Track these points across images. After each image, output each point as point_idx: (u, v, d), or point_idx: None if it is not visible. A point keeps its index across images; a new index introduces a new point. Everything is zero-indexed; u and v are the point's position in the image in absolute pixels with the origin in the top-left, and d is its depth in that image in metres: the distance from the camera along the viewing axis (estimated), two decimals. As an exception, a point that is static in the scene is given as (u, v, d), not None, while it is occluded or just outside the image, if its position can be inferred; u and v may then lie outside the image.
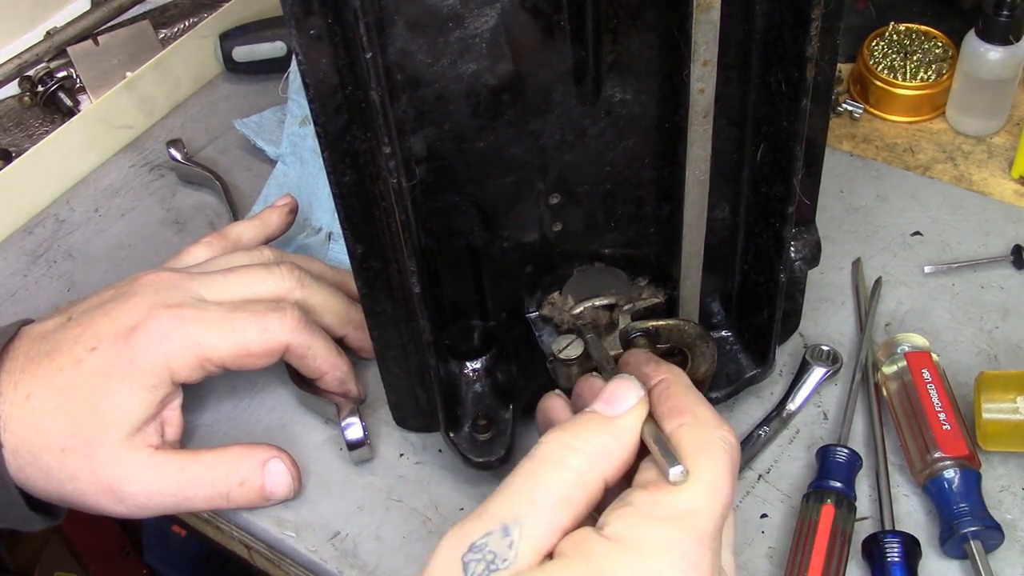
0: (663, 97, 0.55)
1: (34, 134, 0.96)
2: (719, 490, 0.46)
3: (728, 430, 0.48)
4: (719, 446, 0.47)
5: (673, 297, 0.63)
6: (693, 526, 0.44)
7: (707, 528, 0.45)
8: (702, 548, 0.44)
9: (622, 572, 0.43)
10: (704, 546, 0.44)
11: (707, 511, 0.45)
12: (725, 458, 0.47)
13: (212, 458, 0.65)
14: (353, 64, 0.49)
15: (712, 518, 0.45)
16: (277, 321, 0.65)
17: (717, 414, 0.49)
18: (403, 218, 0.54)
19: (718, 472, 0.46)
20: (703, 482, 0.45)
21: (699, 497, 0.45)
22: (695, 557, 0.44)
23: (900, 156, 0.86)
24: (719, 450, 0.47)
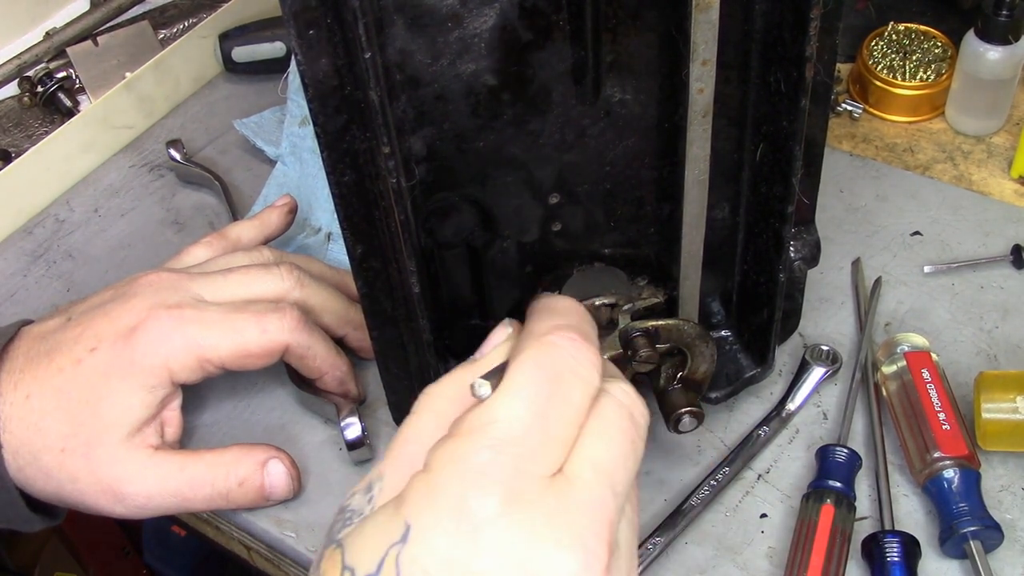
0: (662, 97, 0.55)
1: (34, 134, 0.96)
2: (526, 393, 0.43)
3: (561, 333, 0.45)
4: (534, 350, 0.44)
5: (673, 297, 0.63)
6: (489, 434, 0.42)
7: (508, 434, 0.42)
8: (498, 455, 0.41)
9: (414, 491, 0.41)
10: (501, 453, 0.41)
11: (510, 417, 0.42)
12: (538, 360, 0.44)
13: (211, 458, 0.65)
14: (352, 64, 0.49)
15: (518, 422, 0.42)
16: (276, 321, 0.65)
17: (557, 324, 0.46)
18: (403, 218, 0.54)
19: (525, 376, 0.43)
20: (504, 389, 0.43)
21: (500, 405, 0.43)
22: (487, 465, 0.41)
23: (900, 156, 0.86)
24: (532, 353, 0.44)
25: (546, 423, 0.43)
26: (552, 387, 0.44)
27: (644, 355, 0.57)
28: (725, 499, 0.66)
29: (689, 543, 0.64)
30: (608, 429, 0.44)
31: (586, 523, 0.41)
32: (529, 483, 0.41)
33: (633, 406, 0.46)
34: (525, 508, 0.41)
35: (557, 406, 0.43)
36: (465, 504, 0.40)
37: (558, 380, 0.44)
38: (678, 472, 0.67)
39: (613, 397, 0.45)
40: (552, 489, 0.41)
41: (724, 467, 0.66)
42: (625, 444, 0.44)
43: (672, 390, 0.61)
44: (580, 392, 0.44)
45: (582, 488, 0.42)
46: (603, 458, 0.43)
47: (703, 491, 0.65)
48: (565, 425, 0.43)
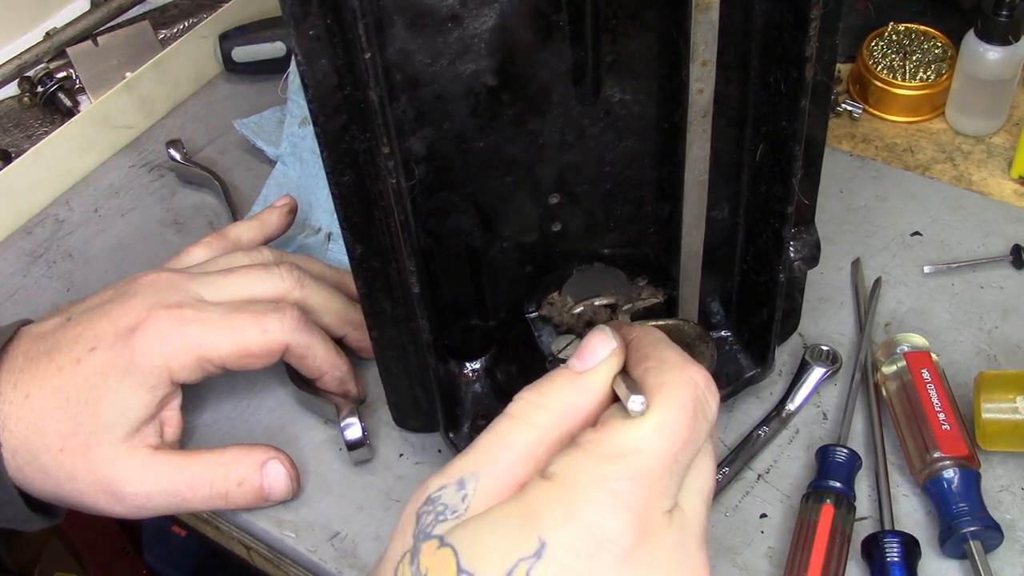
0: (662, 97, 0.55)
1: (34, 134, 0.96)
2: (669, 429, 0.44)
3: (697, 369, 0.46)
4: (679, 386, 0.45)
5: (673, 297, 0.63)
6: (632, 464, 0.43)
7: (648, 467, 0.43)
8: (638, 486, 0.42)
9: (548, 507, 0.42)
10: (641, 484, 0.42)
11: (652, 450, 0.43)
12: (683, 397, 0.45)
13: (211, 459, 0.65)
14: (352, 64, 0.49)
15: (657, 457, 0.43)
16: (276, 321, 0.65)
17: (686, 356, 0.48)
18: (402, 218, 0.54)
19: (671, 412, 0.44)
20: (651, 421, 0.44)
21: (645, 436, 0.44)
22: (627, 495, 0.42)
23: (900, 156, 0.86)
24: (677, 389, 0.45)
25: (678, 462, 0.44)
26: (691, 427, 0.45)
27: (644, 355, 0.57)
28: (725, 499, 0.66)
29: (689, 543, 0.64)
30: (708, 462, 0.47)
31: (699, 553, 0.44)
32: (657, 517, 0.43)
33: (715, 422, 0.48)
34: (654, 542, 0.42)
35: (689, 445, 0.45)
36: (604, 532, 0.42)
37: (695, 420, 0.45)
38: (678, 472, 0.67)
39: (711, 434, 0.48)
40: (673, 524, 0.44)
41: (724, 467, 0.66)
42: (712, 465, 0.47)
43: (672, 390, 0.61)
44: (705, 431, 0.46)
45: (693, 519, 0.45)
46: (706, 488, 0.46)
47: (703, 491, 0.65)
48: (689, 462, 0.45)
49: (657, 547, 0.43)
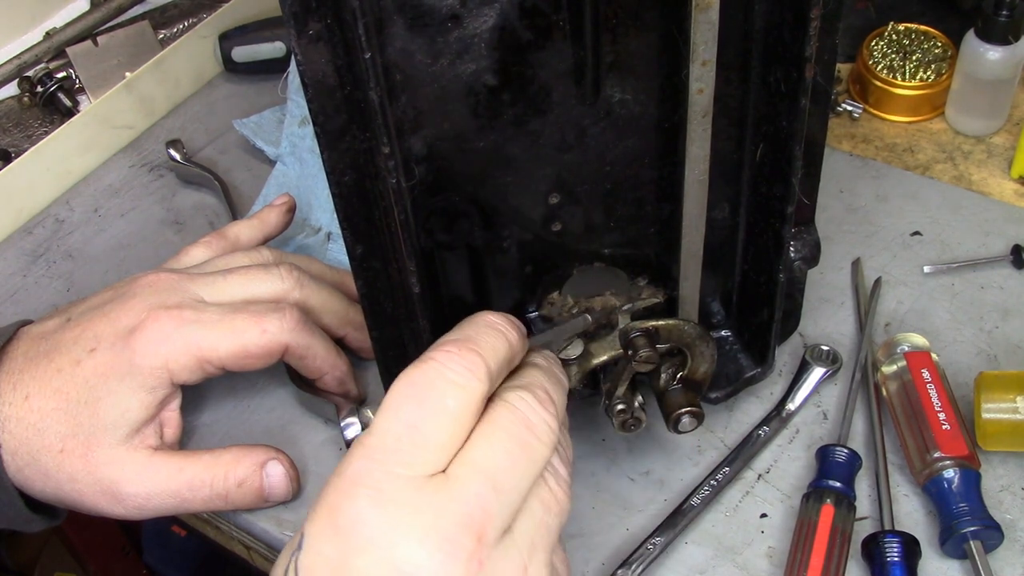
0: (662, 97, 0.55)
1: (33, 134, 0.96)
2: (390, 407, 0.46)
3: (441, 348, 0.47)
4: (408, 369, 0.47)
5: (673, 297, 0.63)
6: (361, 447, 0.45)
7: (376, 444, 0.45)
8: (368, 463, 0.45)
9: (313, 509, 0.45)
10: (371, 460, 0.44)
11: (379, 430, 0.45)
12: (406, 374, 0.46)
13: (210, 459, 0.64)
14: (352, 64, 0.49)
15: (383, 433, 0.45)
16: (276, 322, 0.65)
17: (446, 340, 0.48)
18: (403, 218, 0.54)
19: (392, 391, 0.46)
20: (379, 410, 0.46)
21: (374, 424, 0.46)
22: (358, 474, 0.44)
23: (900, 156, 0.86)
24: (404, 373, 0.47)
25: (418, 429, 0.45)
26: (422, 396, 0.46)
27: (644, 355, 0.57)
28: (725, 499, 0.66)
29: (689, 543, 0.64)
30: (495, 432, 0.46)
31: (452, 515, 0.43)
32: (400, 484, 0.44)
33: (530, 411, 0.48)
34: (393, 507, 0.43)
35: (430, 413, 0.45)
36: (338, 509, 0.44)
37: (429, 389, 0.46)
38: (678, 472, 0.67)
39: (506, 403, 0.48)
40: (426, 488, 0.44)
41: (724, 467, 0.66)
42: (512, 446, 0.46)
43: (672, 390, 0.61)
44: (455, 398, 0.46)
45: (455, 484, 0.44)
46: (483, 457, 0.45)
47: (703, 491, 0.65)
48: (441, 429, 0.45)
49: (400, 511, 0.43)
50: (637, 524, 0.65)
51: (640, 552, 0.63)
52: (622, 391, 0.60)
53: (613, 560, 0.63)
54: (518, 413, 0.47)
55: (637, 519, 0.65)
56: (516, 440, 0.46)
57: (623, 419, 0.60)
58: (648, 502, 0.66)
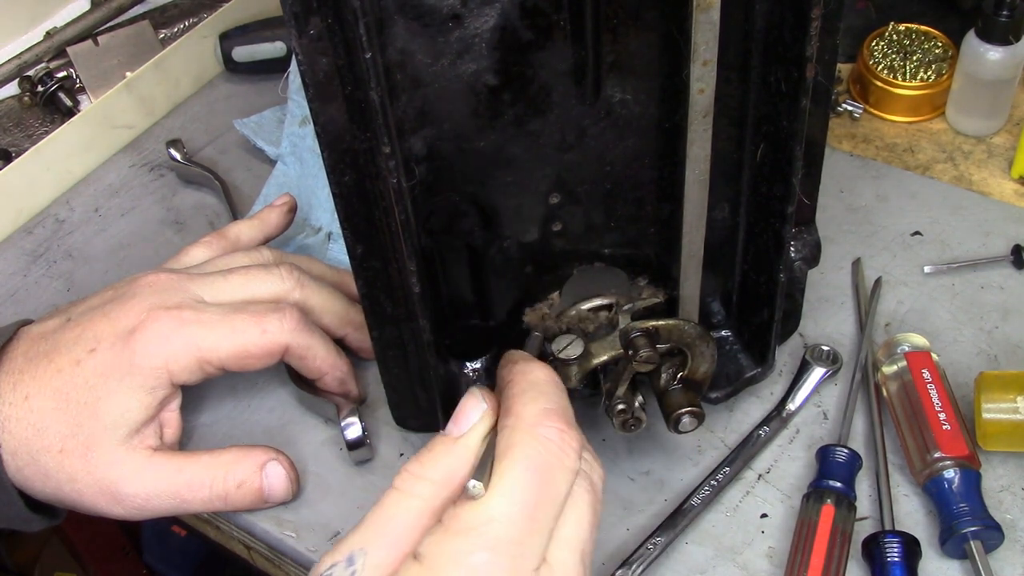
0: (663, 97, 0.55)
1: (34, 134, 0.95)
2: (519, 493, 0.45)
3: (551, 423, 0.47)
4: (525, 447, 0.47)
5: (673, 297, 0.63)
6: (486, 535, 0.44)
7: (503, 534, 0.45)
8: (495, 556, 0.44)
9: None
10: (499, 553, 0.44)
11: (504, 517, 0.45)
12: (530, 458, 0.46)
13: (210, 460, 0.64)
14: (353, 64, 0.49)
15: (510, 523, 0.45)
16: (276, 322, 0.65)
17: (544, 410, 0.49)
18: (403, 218, 0.54)
19: (518, 476, 0.46)
20: (498, 490, 0.45)
21: (495, 504, 0.45)
22: (486, 566, 0.44)
23: (900, 156, 0.86)
24: (524, 450, 0.46)
25: (537, 519, 0.45)
26: (543, 484, 0.46)
27: (644, 355, 0.57)
28: (725, 499, 0.66)
29: (689, 543, 0.64)
30: (581, 508, 0.47)
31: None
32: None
33: (593, 472, 0.49)
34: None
35: (547, 502, 0.46)
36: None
37: (549, 476, 0.46)
38: (678, 472, 0.67)
39: (582, 471, 0.48)
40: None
41: (724, 467, 0.66)
42: (592, 517, 0.48)
43: (672, 390, 0.61)
44: (566, 482, 0.47)
45: (562, 571, 0.45)
46: (577, 537, 0.46)
47: (703, 491, 0.65)
48: (552, 517, 0.46)
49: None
50: (637, 524, 0.65)
51: (640, 552, 0.63)
52: (622, 391, 0.60)
53: (613, 560, 0.63)
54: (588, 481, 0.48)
55: (637, 519, 0.65)
56: (592, 509, 0.48)
57: (623, 419, 0.60)
58: (648, 502, 0.66)
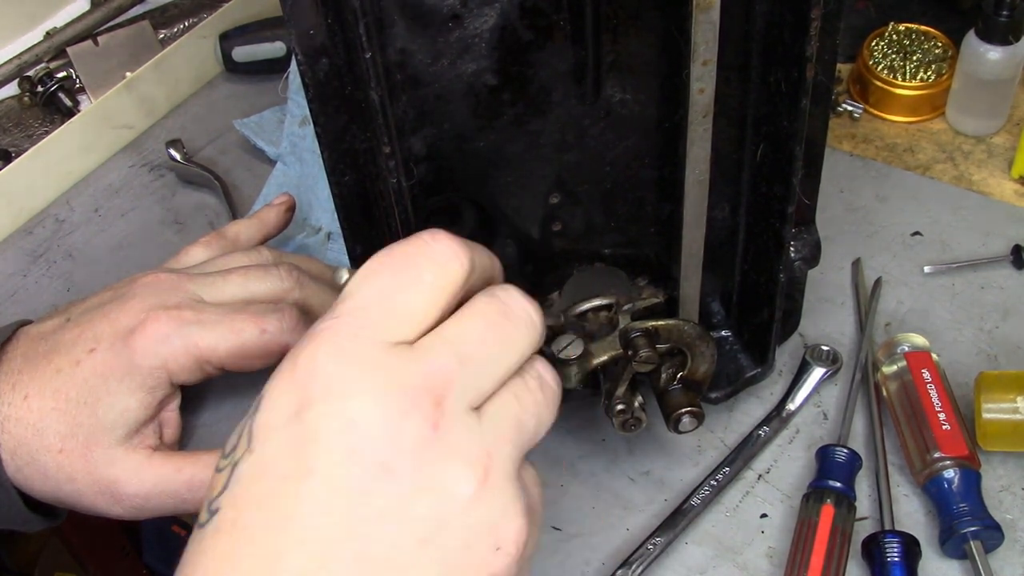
0: (663, 97, 0.55)
1: (34, 134, 0.95)
2: (366, 274, 0.44)
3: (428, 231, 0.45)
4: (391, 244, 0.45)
5: (673, 297, 0.63)
6: (333, 310, 0.43)
7: (347, 307, 0.43)
8: (336, 323, 0.43)
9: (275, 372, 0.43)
10: (339, 320, 0.43)
11: (352, 293, 0.44)
12: (390, 249, 0.45)
13: (209, 460, 0.64)
14: (353, 64, 0.49)
15: (355, 297, 0.43)
16: (276, 322, 0.65)
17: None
18: (403, 218, 0.54)
19: (371, 261, 0.44)
20: (355, 275, 0.44)
21: (348, 287, 0.44)
22: (325, 332, 0.42)
23: (900, 156, 0.86)
24: (386, 247, 0.45)
25: (390, 298, 0.43)
26: (400, 268, 0.44)
27: (644, 355, 0.57)
28: (725, 499, 0.66)
29: (689, 543, 0.64)
30: (469, 312, 0.44)
31: (411, 376, 0.41)
32: (363, 344, 0.42)
33: (511, 300, 0.45)
34: (353, 362, 0.41)
35: (405, 284, 0.44)
36: (298, 363, 0.42)
37: (408, 262, 0.44)
38: (678, 472, 0.67)
39: (487, 292, 0.46)
40: (389, 351, 0.42)
41: (724, 467, 0.66)
42: (486, 327, 0.44)
43: (672, 390, 0.61)
44: (434, 274, 0.44)
45: (419, 351, 0.42)
46: (453, 333, 0.43)
47: (703, 491, 0.65)
48: (414, 302, 0.43)
49: (358, 368, 0.41)
50: (637, 524, 0.65)
51: (640, 552, 0.63)
52: (622, 391, 0.60)
53: (613, 560, 0.63)
54: (496, 301, 0.45)
55: (637, 519, 0.65)
56: (490, 322, 0.44)
57: (623, 419, 0.60)
58: (648, 502, 0.66)
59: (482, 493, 0.41)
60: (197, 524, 0.43)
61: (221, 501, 0.42)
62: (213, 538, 0.42)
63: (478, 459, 0.41)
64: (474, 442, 0.42)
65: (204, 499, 0.43)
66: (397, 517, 0.40)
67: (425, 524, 0.40)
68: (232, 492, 0.41)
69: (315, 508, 0.40)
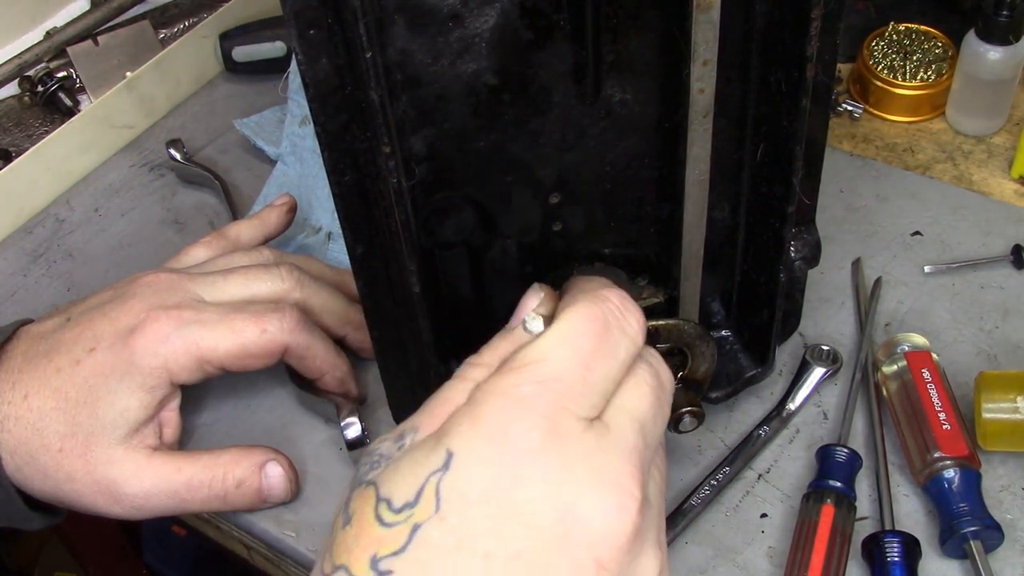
0: (663, 97, 0.55)
1: (34, 134, 0.95)
2: (574, 337, 0.44)
3: (610, 291, 0.47)
4: (586, 302, 0.46)
5: (673, 297, 0.63)
6: (536, 371, 0.43)
7: (554, 372, 0.43)
8: (543, 390, 0.42)
9: (457, 423, 0.42)
10: (547, 388, 0.42)
11: (557, 357, 0.43)
12: (588, 310, 0.45)
13: (209, 460, 0.64)
14: (353, 64, 0.49)
15: (563, 363, 0.43)
16: (276, 322, 0.65)
17: (605, 282, 0.49)
18: (403, 218, 0.54)
19: (575, 322, 0.45)
20: (554, 331, 0.45)
21: (549, 345, 0.44)
22: (531, 398, 0.42)
23: (900, 156, 0.86)
24: (584, 305, 0.46)
25: (591, 370, 0.44)
26: (600, 337, 0.45)
27: (644, 355, 0.57)
28: (725, 499, 0.66)
29: (689, 543, 0.64)
30: (642, 386, 0.46)
31: (622, 464, 0.42)
32: (570, 422, 0.42)
33: (661, 369, 0.48)
34: (565, 444, 0.41)
35: (602, 356, 0.45)
36: (508, 434, 0.41)
37: (607, 332, 0.45)
38: (678, 472, 0.67)
39: (646, 360, 0.47)
40: (591, 431, 0.42)
41: (724, 467, 0.66)
42: (655, 401, 0.46)
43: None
44: (624, 348, 0.46)
45: (618, 433, 0.43)
46: (637, 409, 0.45)
47: (703, 491, 0.65)
48: (607, 376, 0.45)
49: (569, 450, 0.41)
50: (637, 524, 0.65)
51: (640, 552, 0.63)
52: (622, 391, 0.60)
53: (613, 560, 0.63)
54: (654, 370, 0.47)
55: (637, 519, 0.65)
56: (656, 396, 0.46)
57: (623, 419, 0.60)
58: (648, 502, 0.66)
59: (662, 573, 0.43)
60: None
61: (396, 563, 0.39)
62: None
63: (662, 545, 0.44)
64: (659, 525, 0.44)
65: (364, 553, 0.40)
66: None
67: None
68: (413, 555, 0.39)
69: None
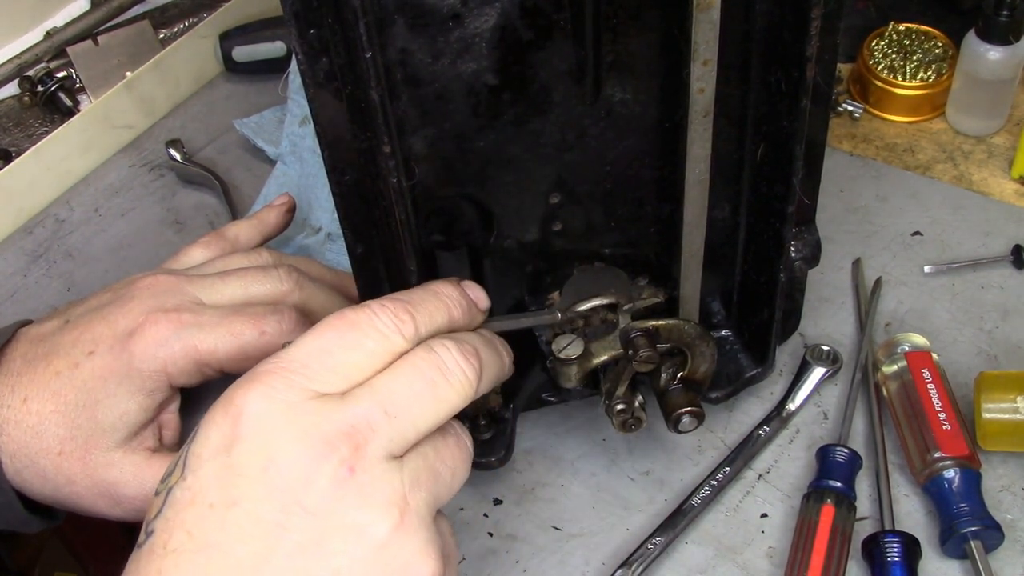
0: (663, 97, 0.55)
1: (34, 134, 0.95)
2: (312, 334, 0.47)
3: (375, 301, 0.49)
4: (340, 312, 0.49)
5: (673, 297, 0.63)
6: (277, 356, 0.47)
7: (287, 358, 0.46)
8: (273, 369, 0.46)
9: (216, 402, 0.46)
10: (276, 367, 0.46)
11: (295, 347, 0.47)
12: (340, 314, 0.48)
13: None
14: (353, 63, 0.49)
15: (297, 351, 0.47)
16: (275, 324, 0.64)
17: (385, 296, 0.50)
18: (403, 218, 0.54)
19: (323, 323, 0.48)
20: (307, 333, 0.48)
21: (293, 343, 0.47)
22: (261, 375, 0.46)
23: (900, 156, 0.86)
24: (336, 312, 0.49)
25: (329, 355, 0.46)
26: (345, 330, 0.47)
27: (644, 355, 0.57)
28: (725, 499, 0.66)
29: (689, 543, 0.64)
30: (402, 368, 0.47)
31: (334, 423, 0.45)
32: (295, 391, 0.45)
33: (447, 356, 0.48)
34: (283, 408, 0.45)
35: (345, 346, 0.47)
36: (233, 399, 0.45)
37: (351, 327, 0.47)
38: (678, 472, 0.67)
39: (427, 347, 0.48)
40: (320, 400, 0.45)
41: (724, 467, 0.66)
42: (417, 381, 0.47)
43: (672, 390, 0.61)
44: (375, 341, 0.47)
45: (347, 401, 0.45)
46: (381, 386, 0.46)
47: (703, 491, 0.65)
48: (351, 360, 0.47)
49: (288, 413, 0.45)
50: (637, 524, 0.65)
51: (640, 552, 0.63)
52: (622, 391, 0.60)
53: (613, 560, 0.63)
54: (433, 355, 0.48)
55: (637, 519, 0.65)
56: (422, 376, 0.47)
57: (623, 419, 0.60)
58: (648, 502, 0.66)
59: (397, 534, 0.44)
60: (136, 544, 0.46)
61: (156, 524, 0.45)
62: (147, 559, 0.45)
63: (394, 502, 0.44)
64: (392, 487, 0.45)
65: (145, 519, 0.46)
66: (312, 552, 0.43)
67: (339, 560, 0.44)
68: (165, 516, 0.45)
69: (237, 537, 0.43)
